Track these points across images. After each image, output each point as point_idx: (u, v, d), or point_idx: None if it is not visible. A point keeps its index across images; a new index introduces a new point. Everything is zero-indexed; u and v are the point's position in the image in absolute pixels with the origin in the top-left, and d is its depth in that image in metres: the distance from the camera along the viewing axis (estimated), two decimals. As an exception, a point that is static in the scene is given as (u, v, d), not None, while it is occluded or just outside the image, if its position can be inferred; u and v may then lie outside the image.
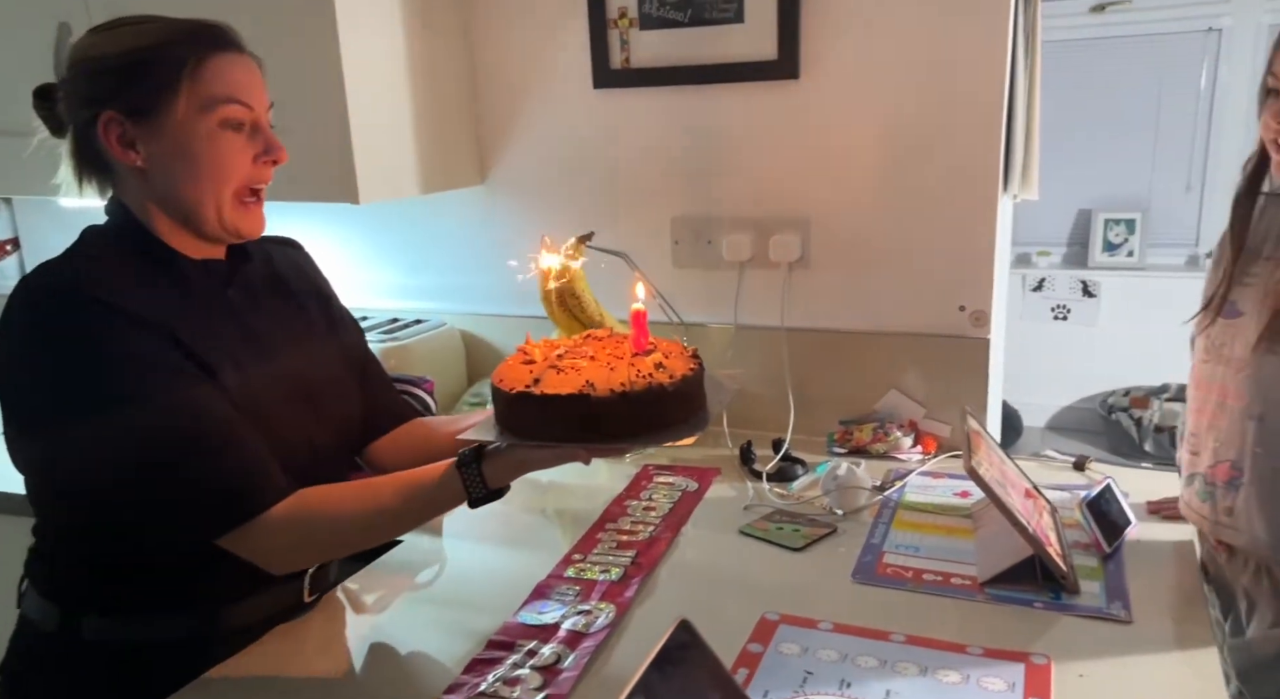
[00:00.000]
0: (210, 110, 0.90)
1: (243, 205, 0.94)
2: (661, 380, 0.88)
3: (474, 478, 0.90)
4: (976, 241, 1.48)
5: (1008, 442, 3.70)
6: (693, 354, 0.98)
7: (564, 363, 0.93)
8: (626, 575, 1.14)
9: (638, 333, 0.96)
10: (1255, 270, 1.06)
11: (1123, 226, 3.69)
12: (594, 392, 0.86)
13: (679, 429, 0.89)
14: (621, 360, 0.93)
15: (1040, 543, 1.08)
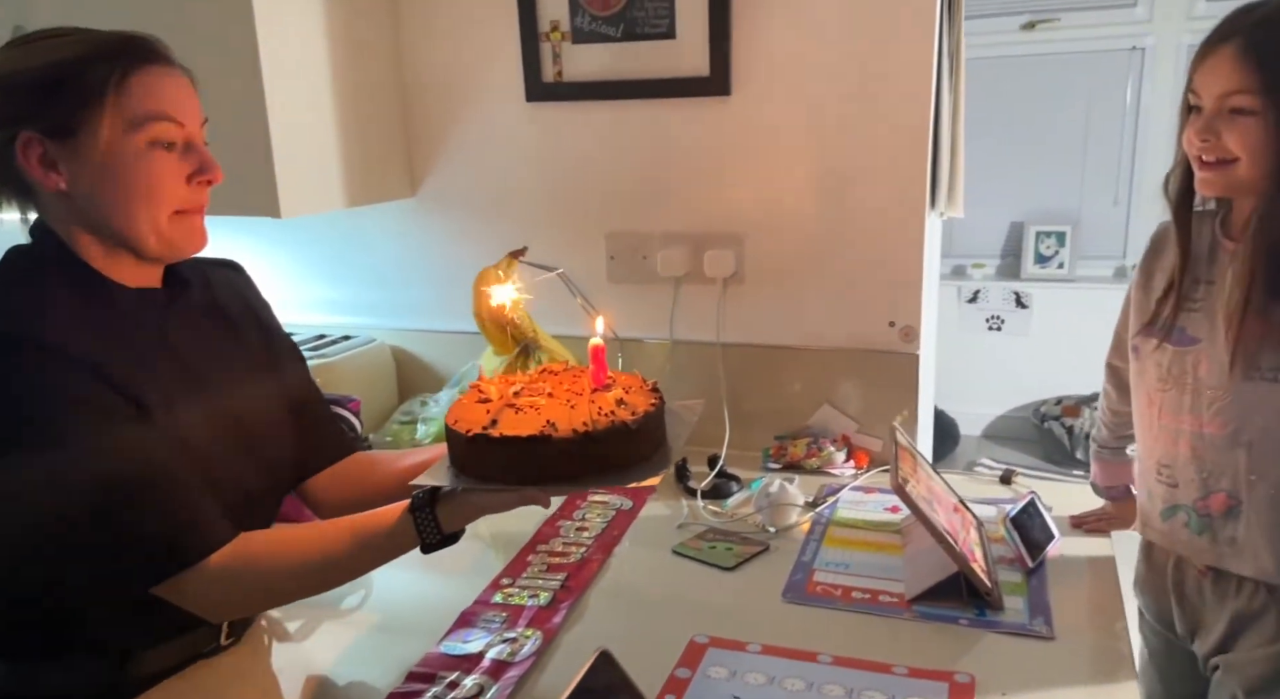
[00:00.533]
0: (138, 128, 0.84)
1: (184, 219, 0.89)
2: (624, 418, 0.86)
3: (428, 523, 0.87)
4: (905, 258, 1.50)
5: (945, 451, 3.77)
6: (652, 388, 0.96)
7: (522, 401, 0.90)
8: (555, 600, 1.11)
9: (597, 368, 0.94)
10: (1197, 295, 1.05)
11: (1053, 239, 3.79)
12: (555, 432, 0.83)
13: (643, 468, 0.87)
14: (581, 397, 0.91)
15: (965, 559, 1.09)
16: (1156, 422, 1.10)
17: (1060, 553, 1.22)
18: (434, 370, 1.76)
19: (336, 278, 1.81)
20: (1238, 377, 0.99)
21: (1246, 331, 0.97)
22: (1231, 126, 0.94)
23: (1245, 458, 1.01)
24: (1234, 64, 0.93)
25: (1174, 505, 1.09)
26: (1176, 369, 1.06)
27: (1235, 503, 1.03)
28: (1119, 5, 3.62)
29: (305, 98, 1.47)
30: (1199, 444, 1.05)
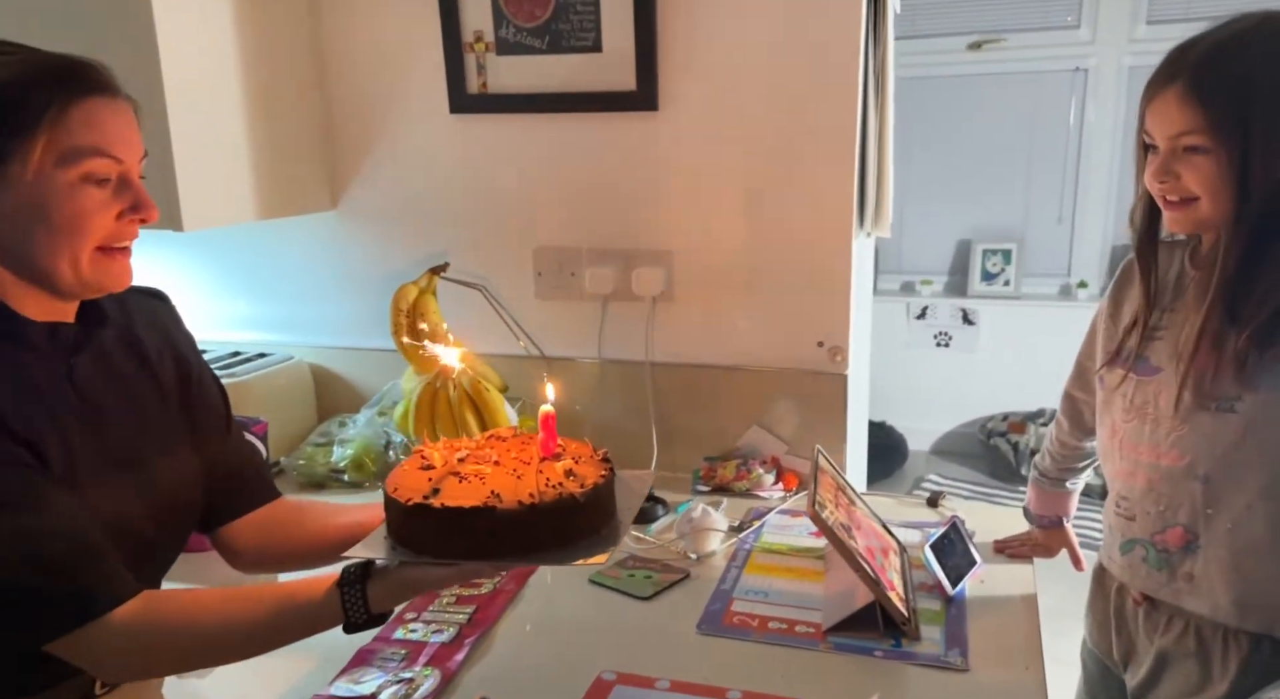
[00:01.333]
0: (71, 163, 0.78)
1: (106, 257, 0.83)
2: (572, 490, 0.83)
3: (356, 602, 0.80)
4: (833, 278, 1.48)
5: (893, 467, 3.78)
6: (603, 457, 0.94)
7: (466, 468, 0.87)
8: (460, 635, 1.06)
9: (547, 436, 0.91)
10: (1162, 323, 1.03)
11: (999, 257, 3.84)
12: (499, 503, 0.80)
13: (591, 544, 0.84)
14: (529, 466, 0.88)
15: (882, 588, 1.07)
16: (1117, 453, 1.08)
17: (982, 578, 1.20)
18: (356, 389, 1.70)
19: (253, 293, 1.74)
20: (1193, 407, 0.97)
21: (1202, 362, 0.95)
22: (1188, 166, 0.94)
23: (1201, 491, 0.99)
24: (1180, 105, 0.93)
25: (1132, 539, 1.06)
26: (1139, 399, 1.04)
27: (1192, 538, 1.00)
28: (1063, 27, 3.69)
29: (213, 102, 1.41)
30: (1155, 476, 1.02)
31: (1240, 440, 0.95)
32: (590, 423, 1.57)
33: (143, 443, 0.89)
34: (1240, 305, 0.93)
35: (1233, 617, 0.98)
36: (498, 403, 1.45)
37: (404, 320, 1.46)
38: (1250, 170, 0.91)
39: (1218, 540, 0.98)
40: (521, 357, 1.55)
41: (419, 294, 1.47)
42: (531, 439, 0.95)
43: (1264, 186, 0.91)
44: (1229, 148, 0.91)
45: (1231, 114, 0.90)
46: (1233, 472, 0.97)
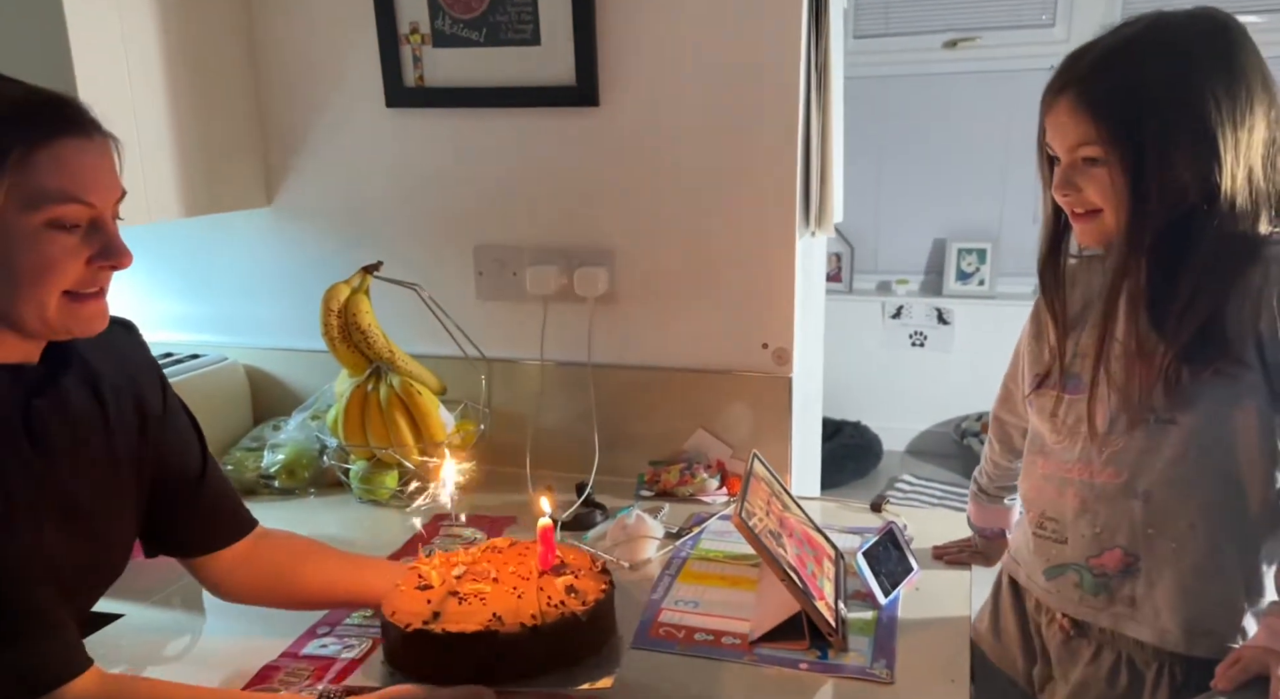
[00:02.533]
0: (36, 209, 0.73)
1: (75, 303, 0.78)
2: (574, 609, 0.82)
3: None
4: (777, 279, 1.44)
5: (868, 467, 3.76)
6: (602, 568, 0.92)
7: (465, 587, 0.86)
8: (372, 649, 1.02)
9: (545, 549, 0.90)
10: (1086, 337, 0.99)
11: (974, 256, 3.81)
12: (502, 626, 0.79)
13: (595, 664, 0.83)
14: (528, 582, 0.87)
15: (810, 597, 1.03)
16: (1040, 472, 1.03)
17: (918, 587, 1.16)
18: (292, 391, 1.65)
19: (186, 292, 1.70)
20: (1130, 422, 0.93)
21: (1133, 376, 0.92)
22: (1087, 178, 0.91)
23: (1141, 509, 0.94)
24: (1073, 116, 0.90)
25: (1062, 564, 1.01)
26: (1071, 418, 0.99)
27: (1132, 560, 0.95)
28: (1038, 25, 3.67)
29: (131, 92, 1.36)
30: (1089, 495, 0.98)
31: (1182, 455, 0.91)
32: (533, 426, 1.54)
33: (84, 487, 0.85)
34: (1161, 321, 0.89)
35: (1181, 643, 0.94)
36: (431, 406, 1.41)
37: (335, 321, 1.42)
38: (1145, 180, 0.87)
39: (1161, 562, 0.94)
40: (461, 358, 1.51)
41: (351, 294, 1.43)
42: (529, 549, 0.94)
43: (1162, 196, 0.88)
44: (1124, 158, 0.88)
45: (1123, 123, 0.87)
46: (1174, 489, 0.92)
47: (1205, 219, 0.87)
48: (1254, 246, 0.87)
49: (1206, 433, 0.90)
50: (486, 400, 1.53)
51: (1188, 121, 0.86)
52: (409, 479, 1.43)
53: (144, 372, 0.95)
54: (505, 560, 0.91)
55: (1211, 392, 0.89)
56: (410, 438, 1.40)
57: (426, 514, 1.41)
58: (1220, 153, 0.86)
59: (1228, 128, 0.86)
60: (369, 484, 1.42)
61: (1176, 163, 0.87)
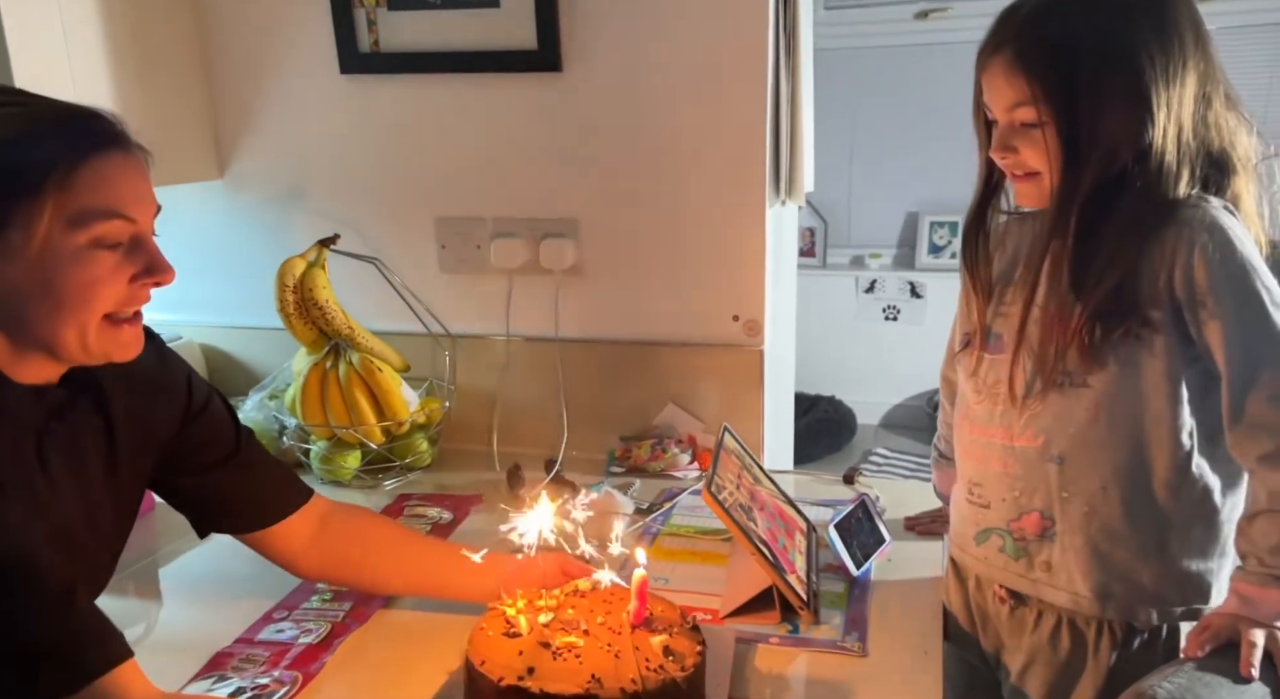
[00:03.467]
0: (81, 227, 0.71)
1: (114, 328, 0.76)
2: (674, 675, 0.79)
3: None
4: (747, 249, 1.41)
5: (842, 441, 3.76)
6: (693, 626, 0.88)
7: (556, 639, 0.82)
8: (331, 634, 0.99)
9: (639, 605, 0.86)
10: (1009, 297, 0.97)
11: (946, 229, 3.81)
12: (601, 691, 0.76)
13: None
14: (621, 637, 0.84)
15: (780, 571, 1.01)
16: (968, 436, 1.02)
17: (890, 558, 1.15)
18: (250, 370, 1.60)
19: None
20: (1045, 384, 0.92)
21: (1048, 338, 0.90)
22: (1024, 140, 0.89)
23: (1056, 473, 0.93)
24: (1008, 76, 0.87)
25: (987, 528, 1.00)
26: (991, 378, 0.98)
27: (1049, 524, 0.95)
28: (1008, -4, 3.65)
29: (67, 61, 1.29)
30: (1010, 459, 0.97)
31: (1093, 418, 0.91)
32: (499, 403, 1.50)
33: (80, 514, 0.82)
34: (1080, 283, 0.88)
35: (1095, 607, 0.94)
36: (392, 384, 1.37)
37: (290, 296, 1.37)
38: (1078, 139, 0.86)
39: (1074, 526, 0.94)
40: (424, 334, 1.47)
41: (307, 268, 1.38)
42: (614, 597, 0.91)
43: (1093, 155, 0.86)
44: (1058, 118, 0.86)
45: (1057, 82, 0.85)
46: (1088, 452, 0.92)
47: (1132, 179, 0.86)
48: (1171, 208, 0.86)
49: (1116, 396, 0.90)
50: (451, 377, 1.49)
51: (1121, 78, 0.85)
52: (371, 459, 1.39)
53: (165, 389, 0.92)
54: (591, 607, 0.89)
55: (1122, 354, 0.88)
56: (372, 417, 1.36)
57: (390, 495, 1.38)
58: (1154, 110, 0.84)
59: (1160, 84, 0.84)
60: (330, 465, 1.38)
61: (1110, 121, 0.85)
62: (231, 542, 0.99)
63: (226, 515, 0.97)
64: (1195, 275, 0.84)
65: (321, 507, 1.02)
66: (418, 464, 1.45)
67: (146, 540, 1.23)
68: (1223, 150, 0.89)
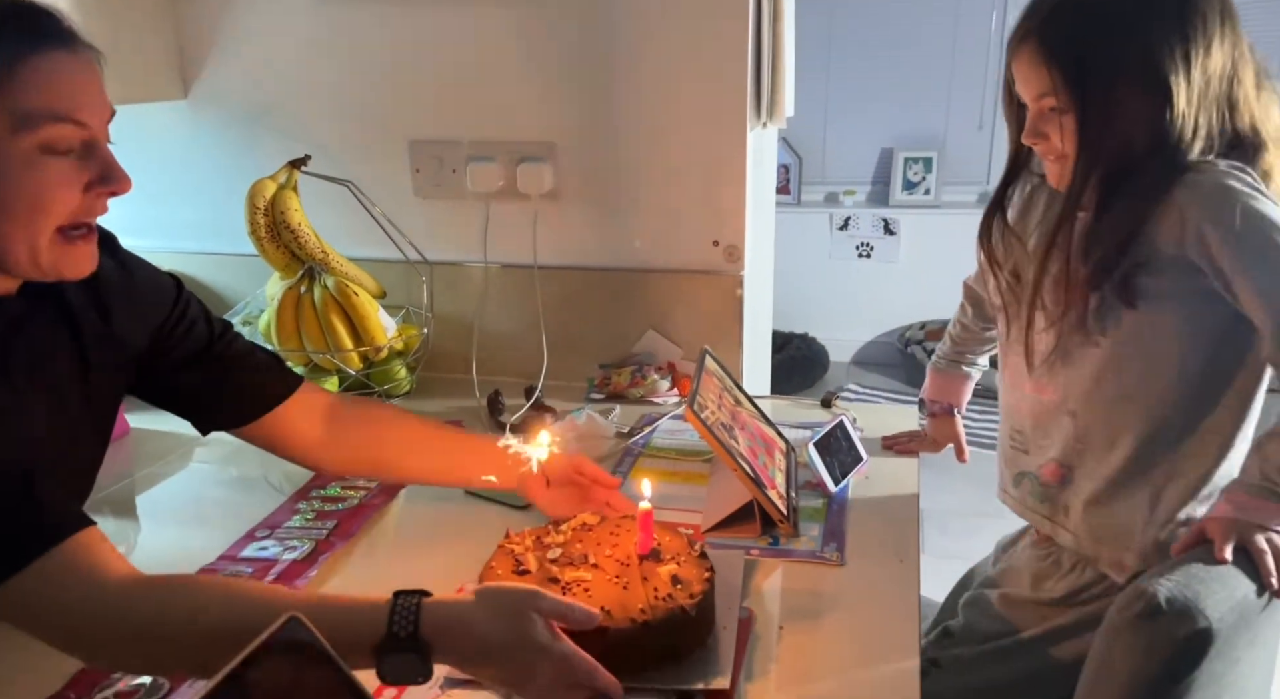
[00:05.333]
0: (27, 130, 0.67)
1: (67, 243, 0.71)
2: (682, 602, 0.79)
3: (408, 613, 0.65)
4: (727, 172, 1.40)
5: (814, 378, 3.81)
6: (700, 553, 0.87)
7: (565, 574, 0.82)
8: (315, 551, 1.00)
9: (644, 535, 0.86)
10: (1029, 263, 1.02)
11: (920, 165, 3.80)
12: (612, 621, 0.76)
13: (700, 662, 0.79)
14: (629, 569, 0.83)
15: (761, 486, 1.03)
16: (1010, 386, 1.09)
17: (867, 475, 1.18)
18: (221, 298, 1.57)
19: (102, 195, 1.58)
20: (1062, 341, 0.97)
21: (1061, 302, 0.95)
22: (1054, 126, 0.93)
23: (1071, 425, 1.01)
24: (1035, 66, 0.91)
25: (1022, 471, 1.09)
26: (1014, 335, 1.05)
27: (1066, 471, 1.03)
28: (986, -73, 3.58)
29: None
30: (1038, 409, 1.04)
31: (1103, 374, 0.96)
32: (478, 331, 1.49)
33: (48, 428, 0.79)
34: (1091, 250, 0.92)
35: (1090, 551, 1.01)
36: (369, 309, 1.35)
37: (262, 220, 1.34)
38: (1092, 127, 0.89)
39: (1085, 475, 1.01)
40: (400, 261, 1.45)
41: (278, 190, 1.35)
42: (622, 528, 0.91)
43: (1108, 143, 0.89)
44: (1076, 107, 0.89)
45: (1075, 73, 0.88)
46: (1095, 407, 0.98)
47: (1148, 158, 0.89)
48: (1181, 171, 0.88)
49: (1126, 353, 0.94)
50: (429, 305, 1.47)
51: (1138, 68, 0.87)
52: (349, 386, 1.38)
53: (131, 297, 0.87)
54: (598, 540, 0.89)
55: (1132, 314, 0.92)
56: (349, 342, 1.35)
57: (370, 420, 1.37)
58: (1173, 97, 0.87)
59: (1180, 71, 0.86)
60: (308, 391, 1.36)
61: (1126, 110, 0.88)
62: (209, 467, 0.98)
63: (218, 409, 0.94)
64: (1208, 235, 0.86)
65: (325, 399, 1.00)
66: (396, 391, 1.44)
67: (122, 464, 1.22)
68: (1253, 126, 0.91)
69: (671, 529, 0.92)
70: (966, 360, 1.28)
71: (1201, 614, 0.77)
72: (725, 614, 0.86)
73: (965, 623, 1.12)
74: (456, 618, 0.67)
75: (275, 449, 0.98)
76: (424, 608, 0.66)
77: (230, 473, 1.26)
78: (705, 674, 0.78)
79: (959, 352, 1.27)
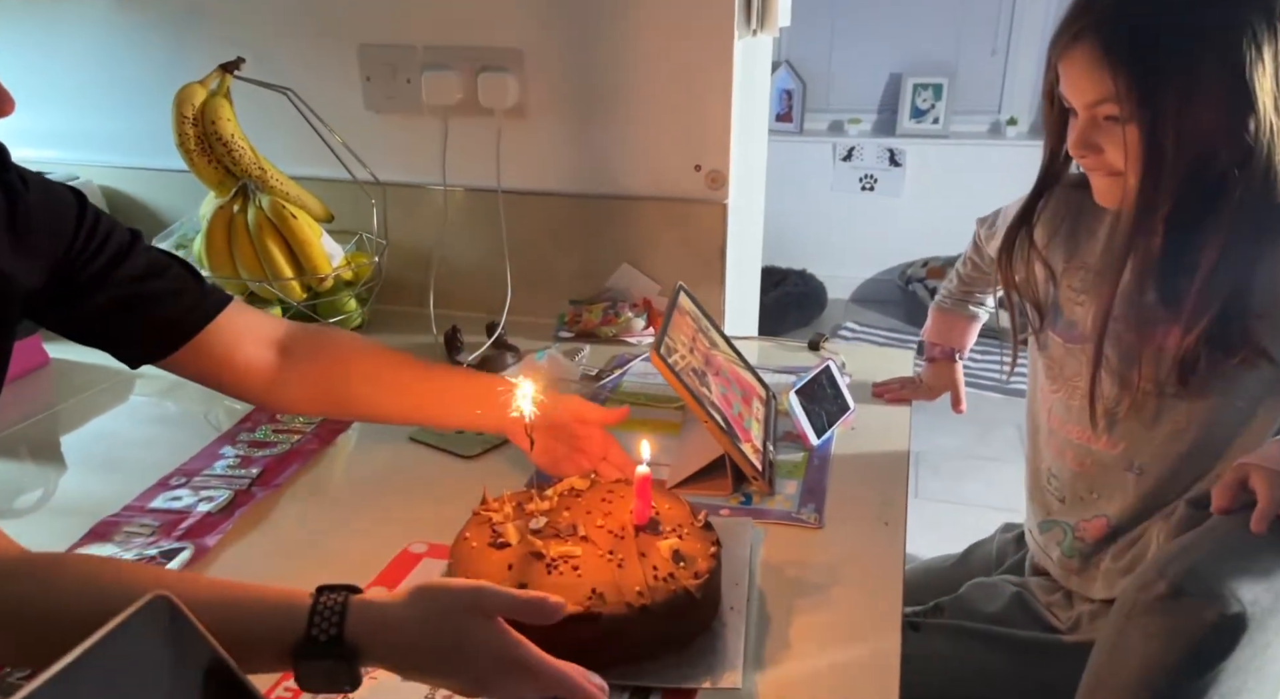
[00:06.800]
0: None
1: None
2: (686, 584, 0.67)
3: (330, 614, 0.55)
4: (712, 87, 1.25)
5: (811, 315, 3.68)
6: (705, 524, 0.75)
7: (551, 548, 0.70)
8: (234, 502, 0.89)
9: (641, 504, 0.74)
10: (1085, 284, 0.89)
11: (930, 92, 3.60)
12: (605, 607, 0.65)
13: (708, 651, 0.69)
14: (624, 543, 0.72)
15: (734, 439, 0.93)
16: (1045, 424, 0.96)
17: (853, 427, 1.07)
18: (159, 217, 1.44)
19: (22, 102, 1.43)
20: (1129, 398, 0.85)
21: (1135, 356, 0.83)
22: (1109, 138, 0.78)
23: (1134, 483, 0.88)
24: (1093, 69, 0.76)
25: (1052, 520, 0.97)
26: (1069, 369, 0.91)
27: (1113, 533, 0.91)
28: None
29: None
30: (1087, 461, 0.92)
31: (1181, 434, 0.84)
32: (438, 261, 1.37)
33: None
34: (1173, 297, 0.78)
35: None
36: (309, 234, 1.22)
37: (191, 130, 1.19)
38: (1161, 136, 0.75)
39: (1137, 536, 0.89)
40: (350, 182, 1.31)
41: (209, 97, 1.20)
42: (615, 493, 0.79)
43: (1181, 155, 0.75)
44: (1141, 117, 0.75)
45: (1143, 77, 0.74)
46: (1170, 465, 0.86)
47: (1234, 184, 0.75)
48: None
49: (1213, 416, 0.83)
50: (382, 231, 1.34)
51: (1218, 70, 0.73)
52: (293, 317, 1.26)
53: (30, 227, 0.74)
54: (589, 508, 0.77)
55: (1230, 382, 0.80)
56: (289, 270, 1.22)
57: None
58: (1257, 104, 0.73)
59: (1267, 73, 0.72)
60: (247, 324, 1.24)
61: (1202, 120, 0.74)
62: (146, 402, 0.87)
63: (136, 339, 0.81)
64: None
65: (274, 326, 0.88)
66: (347, 326, 1.32)
67: (39, 398, 1.12)
68: None
69: (672, 496, 0.81)
70: (974, 300, 1.15)
71: (1234, 597, 0.66)
72: (732, 593, 0.75)
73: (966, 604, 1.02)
74: (386, 621, 0.56)
75: (218, 385, 0.85)
76: (350, 608, 0.55)
77: (167, 409, 1.15)
78: (712, 668, 0.68)
79: (967, 291, 1.15)
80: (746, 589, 0.77)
